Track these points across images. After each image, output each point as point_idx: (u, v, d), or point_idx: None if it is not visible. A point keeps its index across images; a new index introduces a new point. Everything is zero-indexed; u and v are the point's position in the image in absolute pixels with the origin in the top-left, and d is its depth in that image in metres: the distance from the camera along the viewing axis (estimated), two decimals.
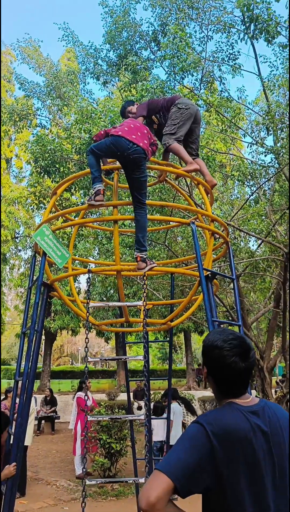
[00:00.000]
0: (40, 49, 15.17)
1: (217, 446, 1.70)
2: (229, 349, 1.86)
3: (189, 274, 5.14)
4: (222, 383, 1.90)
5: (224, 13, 9.51)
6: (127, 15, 10.79)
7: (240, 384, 1.89)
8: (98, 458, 8.51)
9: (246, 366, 1.86)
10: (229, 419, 1.78)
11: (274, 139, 9.82)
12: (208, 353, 1.92)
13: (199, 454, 1.69)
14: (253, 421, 1.80)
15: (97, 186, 4.13)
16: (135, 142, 4.03)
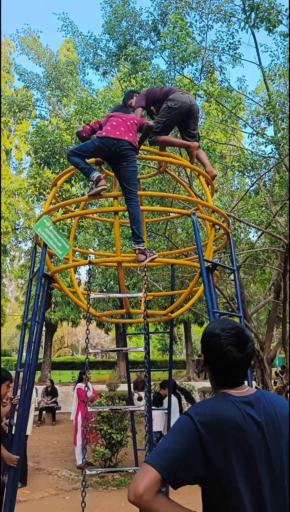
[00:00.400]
0: (39, 40, 15.08)
1: (206, 435, 1.70)
2: (226, 337, 1.86)
3: (190, 265, 5.15)
4: (218, 371, 1.90)
5: (224, 2, 9.42)
6: (127, 5, 10.70)
7: (236, 374, 1.88)
8: (99, 449, 8.57)
9: (242, 357, 1.86)
10: (218, 409, 1.78)
11: (274, 130, 9.77)
12: (206, 341, 1.92)
13: (186, 443, 1.71)
14: (245, 411, 1.79)
15: (95, 174, 4.13)
16: (119, 137, 4.11)
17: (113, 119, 4.34)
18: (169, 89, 4.99)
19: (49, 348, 24.15)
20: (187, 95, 4.81)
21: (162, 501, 1.67)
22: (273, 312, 13.13)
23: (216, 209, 4.44)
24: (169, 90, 4.93)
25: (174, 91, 4.87)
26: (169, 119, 4.69)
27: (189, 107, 4.75)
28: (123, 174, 4.13)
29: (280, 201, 12.03)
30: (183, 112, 4.73)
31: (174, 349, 52.70)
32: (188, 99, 4.78)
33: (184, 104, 4.72)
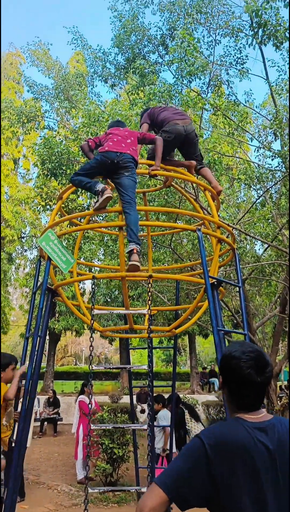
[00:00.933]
0: (49, 52, 15.23)
1: (214, 458, 1.71)
2: (246, 360, 1.85)
3: (195, 281, 5.10)
4: (235, 394, 1.90)
5: (232, 18, 9.49)
6: (136, 19, 10.81)
7: (253, 398, 1.88)
8: (100, 464, 8.45)
9: (261, 381, 1.85)
10: (228, 433, 1.78)
11: (281, 143, 9.77)
12: (225, 363, 1.92)
13: (194, 465, 1.72)
14: (257, 437, 1.77)
15: (100, 185, 4.21)
16: (121, 151, 4.26)
17: (113, 136, 4.44)
18: (164, 117, 4.90)
19: (52, 357, 24.06)
20: (182, 123, 4.74)
21: None
22: (279, 326, 13.03)
23: (221, 225, 4.41)
24: (164, 119, 4.87)
25: (169, 120, 4.81)
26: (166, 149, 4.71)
27: (184, 137, 4.76)
28: (123, 181, 4.22)
29: (286, 214, 11.99)
30: (178, 141, 4.76)
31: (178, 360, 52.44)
32: (183, 129, 4.74)
33: (178, 135, 4.73)
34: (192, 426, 9.12)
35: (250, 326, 12.59)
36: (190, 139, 4.81)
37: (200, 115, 9.86)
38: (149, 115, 5.00)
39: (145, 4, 10.81)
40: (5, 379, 4.52)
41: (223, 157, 11.92)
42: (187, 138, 4.77)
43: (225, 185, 13.95)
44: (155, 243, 11.67)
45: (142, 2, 10.79)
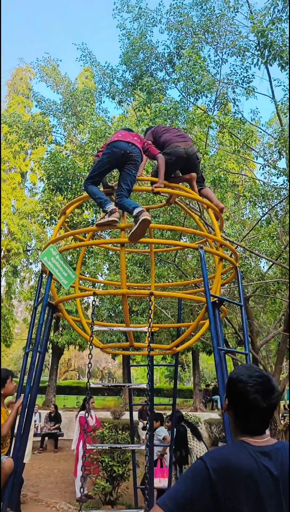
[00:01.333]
0: (58, 68, 15.46)
1: (217, 481, 1.69)
2: (253, 385, 1.85)
3: (196, 299, 5.07)
4: (241, 418, 1.89)
5: (239, 37, 9.60)
6: (144, 38, 10.94)
7: (258, 422, 1.87)
8: (100, 482, 8.31)
9: (267, 406, 1.84)
10: (232, 457, 1.77)
11: (286, 162, 9.79)
12: (232, 387, 1.92)
13: (198, 488, 1.71)
14: (261, 462, 1.76)
15: (110, 206, 4.25)
16: (132, 142, 4.41)
17: (120, 132, 4.58)
18: (165, 139, 4.95)
19: (55, 371, 23.92)
20: (184, 145, 4.78)
21: None
22: (283, 344, 12.89)
23: (224, 243, 4.40)
24: (165, 141, 4.92)
25: (171, 142, 4.86)
26: (168, 171, 4.78)
27: (185, 159, 4.80)
28: (127, 177, 4.35)
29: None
30: (180, 164, 4.81)
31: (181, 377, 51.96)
32: (184, 152, 4.77)
33: (179, 158, 4.78)
34: (194, 445, 8.98)
35: (254, 344, 12.47)
36: (191, 161, 4.85)
37: (206, 133, 9.92)
38: (153, 134, 5.05)
39: (153, 23, 10.96)
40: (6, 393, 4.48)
41: (229, 174, 11.97)
42: (188, 160, 4.82)
43: (230, 202, 13.98)
44: (159, 259, 11.66)
45: (150, 21, 10.95)
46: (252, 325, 13.03)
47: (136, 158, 4.37)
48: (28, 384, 4.06)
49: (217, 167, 10.40)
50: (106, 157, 4.39)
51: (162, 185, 4.55)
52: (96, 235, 11.81)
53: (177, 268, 11.58)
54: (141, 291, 4.27)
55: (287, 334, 12.38)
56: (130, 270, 10.63)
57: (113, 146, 4.35)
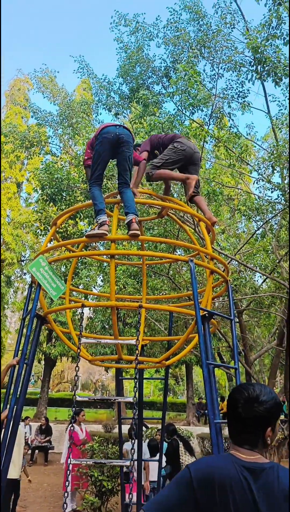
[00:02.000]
0: (55, 79, 15.57)
1: (198, 490, 1.76)
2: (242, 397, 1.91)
3: (186, 312, 5.04)
4: (230, 427, 1.96)
5: (235, 53, 9.69)
6: (141, 51, 11.03)
7: (245, 435, 1.90)
8: (88, 496, 8.18)
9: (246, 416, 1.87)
10: (216, 468, 1.81)
11: (280, 177, 9.84)
12: (228, 400, 2.01)
13: (180, 494, 1.78)
14: (244, 476, 1.77)
15: (102, 217, 4.23)
16: (119, 125, 4.52)
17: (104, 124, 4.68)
18: (174, 135, 5.15)
19: (47, 383, 23.69)
20: (192, 143, 4.93)
21: None
22: (276, 359, 12.86)
23: (215, 257, 4.38)
24: (175, 135, 5.09)
25: (180, 136, 5.05)
26: (172, 158, 4.84)
27: (193, 153, 4.88)
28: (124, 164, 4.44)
29: (286, 246, 11.97)
30: (187, 156, 4.86)
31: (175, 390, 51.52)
32: (193, 146, 4.94)
33: (189, 149, 4.87)
34: (185, 459, 8.85)
35: (247, 358, 12.41)
36: (196, 158, 4.95)
37: (202, 146, 9.97)
38: (151, 141, 5.10)
39: (150, 37, 11.06)
40: None
41: (224, 188, 12.01)
42: (194, 156, 4.91)
43: (226, 215, 14.01)
44: (153, 271, 11.62)
45: (147, 35, 11.05)
46: (245, 339, 12.98)
47: (127, 139, 4.44)
48: (14, 396, 3.99)
49: (212, 180, 10.43)
50: (99, 147, 4.42)
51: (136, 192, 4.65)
52: (89, 246, 11.79)
53: (171, 280, 11.55)
54: (130, 303, 4.24)
55: (280, 348, 12.34)
56: (123, 283, 10.59)
57: (103, 133, 4.41)
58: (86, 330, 20.50)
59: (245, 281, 11.20)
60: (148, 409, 33.73)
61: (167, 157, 4.81)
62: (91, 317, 21.28)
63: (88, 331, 20.03)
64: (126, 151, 4.43)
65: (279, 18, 7.99)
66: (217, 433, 3.63)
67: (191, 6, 10.41)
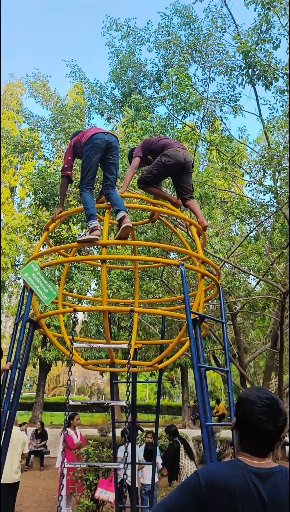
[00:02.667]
0: (48, 84, 15.61)
1: (206, 497, 1.76)
2: (260, 406, 1.87)
3: (177, 316, 5.07)
4: (245, 437, 1.92)
5: (226, 57, 9.77)
6: (133, 56, 11.10)
7: (261, 444, 1.88)
8: (83, 501, 8.18)
9: (272, 429, 1.85)
10: (225, 475, 1.81)
11: (272, 179, 9.90)
12: (240, 406, 1.94)
13: (188, 498, 1.79)
14: (253, 483, 1.78)
15: (94, 222, 4.25)
16: (107, 132, 4.63)
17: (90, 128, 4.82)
18: (166, 142, 5.05)
19: (42, 387, 23.61)
20: (183, 152, 4.87)
21: None
22: (270, 361, 12.91)
23: (206, 260, 4.41)
24: (166, 144, 5.00)
25: (171, 146, 4.95)
26: (160, 173, 4.86)
27: (183, 164, 4.86)
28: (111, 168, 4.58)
29: (279, 248, 12.05)
30: (176, 168, 4.85)
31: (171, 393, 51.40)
32: (182, 157, 4.85)
33: (177, 162, 4.83)
34: (185, 463, 8.80)
35: (241, 360, 12.46)
36: (187, 167, 4.91)
37: (194, 150, 10.02)
38: (143, 147, 5.09)
39: (142, 41, 11.15)
40: None
41: (217, 191, 12.07)
42: (185, 166, 4.88)
43: (219, 218, 14.08)
44: (147, 275, 11.65)
45: (139, 39, 11.13)
46: (240, 341, 13.04)
47: (115, 145, 4.58)
48: (7, 401, 4.00)
49: (204, 183, 10.48)
50: (90, 152, 4.48)
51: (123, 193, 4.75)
52: (83, 250, 11.80)
53: (164, 284, 11.58)
54: (122, 308, 4.26)
55: (274, 350, 12.40)
56: (117, 286, 10.61)
57: (94, 139, 4.49)
58: (80, 334, 20.48)
59: (239, 284, 11.25)
60: (144, 413, 33.69)
61: (156, 171, 4.85)
62: (86, 321, 21.27)
63: (82, 335, 20.02)
64: (114, 157, 4.56)
65: (268, 22, 8.07)
66: (209, 436, 3.65)
67: (182, 10, 10.49)
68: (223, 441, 15.02)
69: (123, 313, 3.57)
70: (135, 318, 4.88)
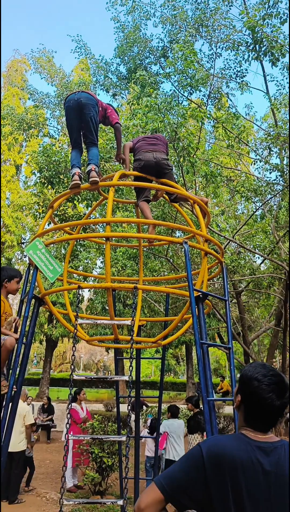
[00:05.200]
0: (53, 60, 15.37)
1: (209, 469, 1.78)
2: (268, 384, 1.89)
3: (180, 294, 5.12)
4: (252, 414, 1.93)
5: (233, 31, 9.57)
6: (138, 31, 10.90)
7: (268, 420, 1.91)
8: (89, 472, 8.41)
9: (280, 404, 1.89)
10: (228, 447, 1.83)
11: (279, 157, 9.81)
12: (246, 384, 1.95)
13: (190, 470, 1.81)
14: (255, 456, 1.81)
15: (72, 170, 4.54)
16: (79, 91, 4.72)
17: None
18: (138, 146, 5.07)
19: (48, 364, 23.99)
20: (153, 153, 4.85)
21: None
22: (274, 339, 13.00)
23: (209, 238, 4.43)
24: (137, 148, 5.05)
25: (141, 149, 4.98)
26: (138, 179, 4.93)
27: (154, 165, 4.86)
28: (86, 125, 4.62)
29: (284, 227, 12.01)
30: (149, 169, 4.88)
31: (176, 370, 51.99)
32: (152, 157, 4.85)
33: (147, 162, 4.86)
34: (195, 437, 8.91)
35: (246, 338, 12.57)
36: (161, 168, 4.90)
37: (200, 127, 9.92)
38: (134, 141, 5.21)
39: (147, 16, 10.92)
40: (9, 290, 4.53)
41: (224, 169, 11.97)
42: (158, 167, 4.88)
43: (226, 197, 14.00)
44: (152, 253, 11.68)
45: (144, 14, 10.90)
46: (244, 319, 13.12)
47: (86, 101, 4.60)
48: (13, 375, 4.10)
49: (209, 161, 10.40)
50: (66, 117, 4.71)
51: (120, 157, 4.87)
52: (88, 229, 11.83)
53: (169, 262, 11.62)
54: (126, 285, 4.31)
55: (278, 328, 12.48)
56: (122, 264, 10.67)
57: (65, 104, 4.68)
58: (86, 312, 20.70)
59: (244, 263, 11.25)
60: (149, 389, 34.21)
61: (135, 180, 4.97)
62: (92, 299, 21.45)
63: (88, 312, 20.22)
64: (88, 113, 4.58)
65: None
66: (210, 410, 3.74)
67: None
68: (226, 417, 15.28)
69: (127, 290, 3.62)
70: (139, 295, 4.93)
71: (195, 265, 11.03)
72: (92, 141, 4.65)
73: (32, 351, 52.07)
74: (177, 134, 7.47)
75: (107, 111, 4.90)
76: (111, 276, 7.56)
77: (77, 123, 4.68)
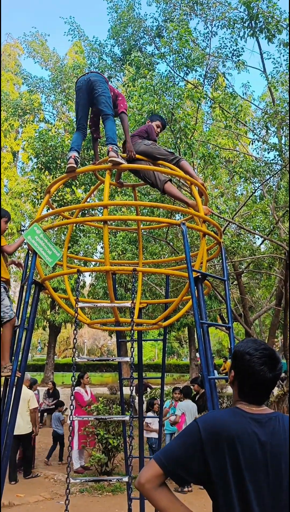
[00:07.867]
0: (46, 43, 15.15)
1: (206, 444, 1.84)
2: (259, 357, 1.95)
3: (180, 275, 5.13)
4: (245, 388, 1.99)
5: (229, 9, 9.40)
6: (132, 10, 10.72)
7: (262, 393, 1.98)
8: (95, 453, 8.57)
9: (272, 377, 1.95)
10: (223, 421, 1.89)
11: (276, 136, 9.73)
12: (239, 359, 2.01)
13: (188, 445, 1.87)
14: (251, 428, 1.87)
15: (69, 154, 4.46)
16: (88, 72, 4.65)
17: None
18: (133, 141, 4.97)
19: (52, 349, 24.19)
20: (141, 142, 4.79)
21: (163, 494, 1.87)
22: (275, 318, 13.07)
23: (207, 219, 4.42)
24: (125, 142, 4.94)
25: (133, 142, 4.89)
26: None
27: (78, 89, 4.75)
28: (99, 99, 4.50)
29: (283, 207, 11.97)
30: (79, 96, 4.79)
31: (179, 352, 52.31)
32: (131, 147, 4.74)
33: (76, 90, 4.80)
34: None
35: (247, 318, 12.63)
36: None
37: (197, 107, 9.82)
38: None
39: None
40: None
41: (221, 150, 11.88)
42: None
43: (224, 178, 13.93)
44: (152, 236, 11.67)
45: None
46: (245, 300, 13.17)
47: (96, 78, 4.54)
48: (16, 361, 4.14)
49: (207, 143, 10.32)
50: (76, 97, 4.65)
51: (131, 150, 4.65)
52: (87, 213, 11.80)
53: (169, 245, 11.61)
54: (125, 268, 4.32)
55: (279, 308, 12.55)
56: (122, 248, 10.67)
57: (76, 86, 4.63)
58: (88, 297, 20.76)
59: (244, 244, 11.25)
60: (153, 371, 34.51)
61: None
62: (93, 284, 21.50)
63: (90, 297, 20.28)
64: (98, 88, 4.49)
65: None
66: (211, 389, 3.78)
67: None
68: (229, 396, 15.46)
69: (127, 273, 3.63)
70: (139, 278, 4.95)
71: (195, 248, 11.03)
72: (105, 113, 4.54)
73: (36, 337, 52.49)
74: (173, 115, 7.41)
75: (118, 98, 4.77)
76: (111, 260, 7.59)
77: (84, 102, 4.62)
